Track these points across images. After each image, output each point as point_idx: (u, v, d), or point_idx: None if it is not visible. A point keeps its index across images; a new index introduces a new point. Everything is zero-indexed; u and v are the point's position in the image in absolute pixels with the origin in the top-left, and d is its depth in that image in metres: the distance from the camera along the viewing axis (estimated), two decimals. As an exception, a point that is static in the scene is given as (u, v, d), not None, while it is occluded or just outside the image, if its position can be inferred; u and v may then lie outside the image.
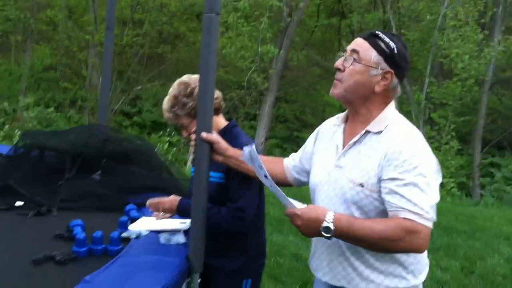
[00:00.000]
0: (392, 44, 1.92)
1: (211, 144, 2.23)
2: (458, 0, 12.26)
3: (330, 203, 1.98)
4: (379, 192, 1.86)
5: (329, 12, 15.89)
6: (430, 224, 1.79)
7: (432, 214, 1.80)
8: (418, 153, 1.85)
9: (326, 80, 16.83)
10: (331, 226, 1.76)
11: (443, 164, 10.89)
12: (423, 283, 2.03)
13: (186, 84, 2.49)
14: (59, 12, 14.96)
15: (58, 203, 3.01)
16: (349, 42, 2.10)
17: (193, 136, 2.28)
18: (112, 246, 2.35)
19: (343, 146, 2.02)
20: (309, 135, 2.36)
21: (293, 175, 2.31)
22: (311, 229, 1.79)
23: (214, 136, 2.24)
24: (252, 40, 12.46)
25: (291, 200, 1.82)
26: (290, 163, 2.34)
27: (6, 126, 11.87)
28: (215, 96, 2.47)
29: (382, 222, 1.80)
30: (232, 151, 2.29)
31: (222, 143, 2.27)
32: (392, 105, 2.01)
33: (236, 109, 14.98)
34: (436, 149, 11.60)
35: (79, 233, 2.38)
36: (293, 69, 18.18)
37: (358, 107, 2.00)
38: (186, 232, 2.46)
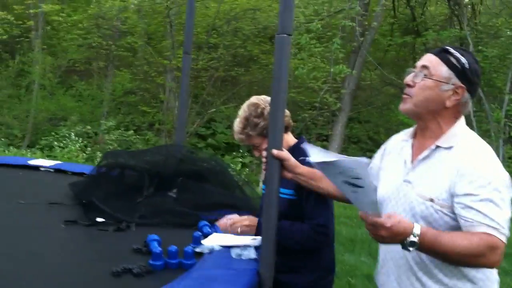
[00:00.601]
0: (463, 59, 1.92)
1: (281, 161, 2.28)
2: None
3: None
4: (450, 207, 1.85)
5: (403, 31, 15.65)
6: (505, 240, 1.77)
7: (507, 230, 1.79)
8: (491, 169, 1.84)
9: (400, 100, 16.52)
10: (417, 240, 1.74)
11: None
12: None
13: (256, 105, 2.58)
14: (139, 38, 15.62)
15: (136, 219, 3.15)
16: (423, 60, 2.11)
17: (264, 153, 2.34)
18: (186, 260, 2.43)
19: (412, 161, 2.02)
20: None
21: None
22: (395, 241, 1.78)
23: (284, 153, 2.29)
24: (324, 61, 12.50)
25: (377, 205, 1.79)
26: None
27: (89, 149, 12.48)
28: (286, 114, 2.54)
29: (465, 237, 1.78)
30: (302, 168, 2.33)
31: (292, 160, 2.32)
32: (462, 121, 2.00)
33: (308, 129, 14.98)
34: (518, 169, 11.09)
35: (156, 248, 2.48)
36: (366, 88, 17.99)
37: (428, 122, 1.99)
38: (257, 248, 2.51)
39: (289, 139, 2.64)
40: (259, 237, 2.46)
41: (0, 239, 2.82)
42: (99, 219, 3.16)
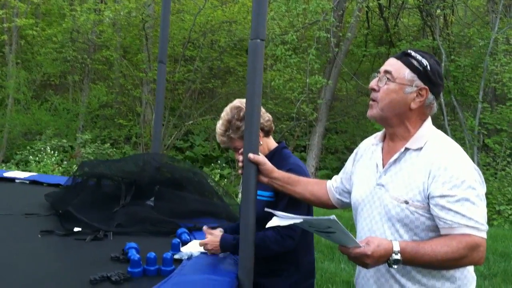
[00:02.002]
0: (424, 62, 1.96)
1: (257, 166, 2.30)
2: (510, 24, 12.05)
3: (373, 221, 2.01)
4: (425, 208, 1.87)
5: (377, 41, 15.89)
6: (485, 236, 1.81)
7: (486, 226, 1.82)
8: (463, 167, 1.86)
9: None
10: (399, 257, 1.76)
11: (500, 191, 10.55)
12: None
13: (238, 108, 2.59)
14: (114, 52, 15.57)
15: (114, 228, 3.13)
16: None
17: (240, 158, 2.35)
18: (165, 266, 2.42)
19: (383, 165, 2.04)
20: None
21: (336, 196, 2.36)
22: (378, 264, 1.80)
23: (261, 158, 2.30)
24: (300, 72, 12.60)
25: (353, 238, 1.79)
26: (332, 185, 2.39)
27: (65, 163, 12.34)
28: (267, 119, 2.56)
29: (444, 243, 1.79)
30: (277, 173, 2.35)
31: (268, 165, 2.33)
32: (429, 121, 2.03)
33: (286, 140, 15.05)
34: (492, 176, 11.27)
35: (134, 255, 2.47)
36: (342, 99, 18.20)
37: (396, 126, 2.01)
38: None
39: (270, 143, 2.65)
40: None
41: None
42: (76, 229, 3.13)
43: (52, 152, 12.43)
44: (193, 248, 2.68)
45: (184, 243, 2.82)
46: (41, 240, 2.99)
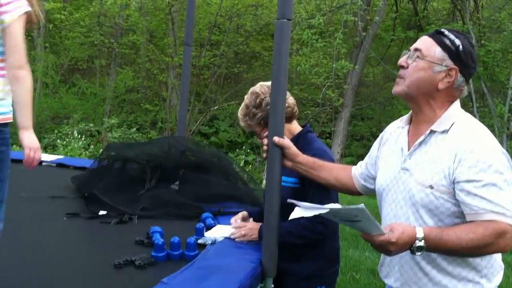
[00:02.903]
0: (457, 41, 1.88)
1: (282, 149, 2.26)
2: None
3: (397, 206, 1.96)
4: (451, 193, 1.81)
5: (405, 26, 15.59)
6: None
7: None
8: (490, 151, 1.80)
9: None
10: (423, 244, 1.72)
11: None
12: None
13: (256, 95, 2.54)
14: (141, 36, 15.60)
15: (138, 211, 3.13)
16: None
17: (265, 141, 2.31)
18: (189, 251, 2.41)
19: (408, 148, 1.99)
20: None
21: (360, 182, 2.30)
22: (403, 250, 1.75)
23: (286, 141, 2.27)
24: (326, 57, 12.44)
25: (379, 225, 1.73)
26: (358, 170, 2.33)
27: (92, 147, 12.46)
28: (291, 103, 2.51)
29: (469, 229, 1.74)
30: (302, 157, 2.31)
31: (293, 149, 2.29)
32: (457, 104, 1.96)
33: (311, 127, 14.89)
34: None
35: (158, 239, 2.46)
36: (368, 85, 17.97)
37: (422, 105, 1.95)
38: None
39: (294, 128, 2.60)
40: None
41: (3, 230, 2.80)
42: (101, 212, 3.15)
43: (79, 136, 12.56)
44: (217, 233, 2.66)
45: (208, 228, 2.80)
46: (66, 222, 3.02)
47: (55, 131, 13.28)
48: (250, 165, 13.08)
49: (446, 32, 1.90)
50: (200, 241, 2.55)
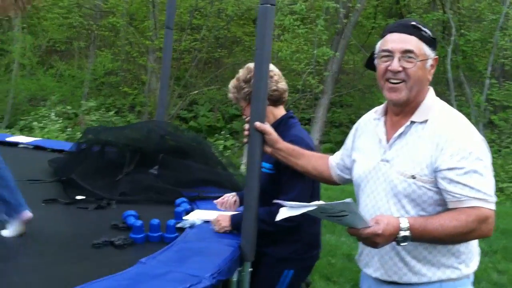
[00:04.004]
0: (428, 31, 1.91)
1: (263, 135, 2.26)
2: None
3: (377, 197, 1.96)
4: (433, 182, 1.83)
5: (386, 14, 15.65)
6: (494, 207, 1.79)
7: (494, 197, 1.80)
8: (469, 138, 1.83)
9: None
10: (408, 234, 1.73)
11: (503, 168, 10.49)
12: (475, 273, 1.98)
13: (248, 70, 2.55)
14: (120, 18, 15.40)
15: (117, 196, 3.12)
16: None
17: (246, 126, 2.32)
18: (168, 233, 2.42)
19: (387, 140, 1.98)
20: None
21: (337, 172, 2.32)
22: (388, 242, 1.76)
23: (267, 127, 2.27)
24: (307, 43, 12.45)
25: (365, 219, 1.73)
26: (334, 161, 2.34)
27: (69, 130, 12.32)
28: (274, 88, 2.51)
29: (452, 217, 1.76)
30: (281, 144, 2.31)
31: (273, 135, 2.29)
32: (431, 91, 1.98)
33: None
34: (496, 153, 11.19)
35: (136, 221, 2.46)
36: (348, 72, 18.02)
37: (412, 101, 1.93)
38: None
39: (278, 112, 2.60)
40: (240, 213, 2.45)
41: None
42: (79, 197, 3.13)
43: (57, 118, 12.41)
44: (195, 217, 2.67)
45: (187, 212, 2.80)
46: (44, 207, 2.99)
47: (31, 113, 13.09)
48: (229, 150, 13.08)
49: (419, 26, 1.91)
50: (179, 224, 2.56)
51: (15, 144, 4.64)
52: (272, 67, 2.55)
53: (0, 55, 16.10)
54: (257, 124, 2.23)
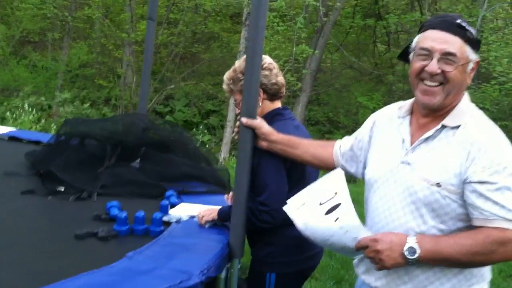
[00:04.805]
0: (473, 31, 1.76)
1: (253, 130, 2.20)
2: (499, 2, 12.02)
3: (391, 202, 1.82)
4: (459, 193, 1.69)
5: (365, 13, 15.73)
6: None
7: None
8: (505, 152, 1.69)
9: (360, 82, 16.70)
10: (416, 246, 1.62)
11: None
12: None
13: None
14: (96, 10, 15.17)
15: (98, 189, 3.03)
16: (384, 43, 1.96)
17: (237, 123, 2.26)
18: (154, 227, 2.35)
19: (412, 141, 1.83)
20: (340, 137, 2.25)
21: (341, 162, 2.18)
22: (394, 252, 1.64)
23: (255, 122, 2.19)
24: (286, 41, 12.44)
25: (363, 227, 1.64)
26: (340, 149, 2.20)
27: (43, 121, 12.10)
28: (280, 82, 2.45)
29: (468, 236, 1.64)
30: (276, 136, 2.23)
31: (265, 128, 2.22)
32: (466, 95, 1.84)
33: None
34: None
35: (120, 213, 2.39)
36: (326, 71, 18.09)
37: (446, 105, 1.79)
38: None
39: (270, 106, 2.51)
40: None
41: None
42: (58, 189, 3.03)
43: (30, 109, 12.17)
44: (182, 211, 2.61)
45: (173, 205, 2.74)
46: (22, 199, 2.89)
47: (4, 103, 12.80)
48: (206, 146, 13.00)
49: (465, 25, 1.75)
50: (165, 218, 2.49)
51: (-12, 135, 4.48)
52: (270, 60, 2.49)
53: (-28, 45, 15.71)
54: (244, 119, 2.16)
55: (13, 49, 15.93)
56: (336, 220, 1.67)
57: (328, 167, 2.19)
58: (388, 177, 1.84)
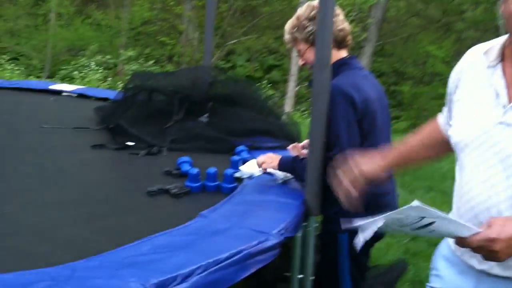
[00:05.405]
0: None
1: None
2: None
3: (488, 171, 1.48)
4: None
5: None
6: None
7: None
8: None
9: (427, 31, 15.98)
10: None
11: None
12: None
13: (311, 7, 2.29)
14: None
15: (168, 143, 2.99)
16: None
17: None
18: (226, 183, 2.27)
19: (509, 95, 1.48)
20: (408, 88, 1.94)
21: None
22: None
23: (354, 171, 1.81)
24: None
25: (465, 224, 1.34)
26: (442, 119, 1.79)
27: (109, 79, 12.29)
28: (340, 27, 2.28)
29: None
30: (384, 162, 1.83)
31: (368, 171, 1.81)
32: None
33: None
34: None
35: (192, 169, 2.32)
36: (390, 21, 17.40)
37: None
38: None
39: (338, 56, 2.35)
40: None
41: (25, 158, 2.69)
42: (129, 143, 3.01)
43: (97, 67, 12.38)
44: (253, 167, 2.51)
45: (244, 161, 2.65)
46: (92, 153, 2.89)
47: (71, 63, 13.09)
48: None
49: None
50: (236, 174, 2.41)
51: (59, 92, 4.54)
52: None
53: (38, 5, 16.06)
54: (346, 184, 1.83)
55: (77, 8, 16.16)
56: (431, 232, 1.43)
57: (448, 150, 1.75)
58: (481, 141, 1.50)
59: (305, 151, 2.61)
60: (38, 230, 1.77)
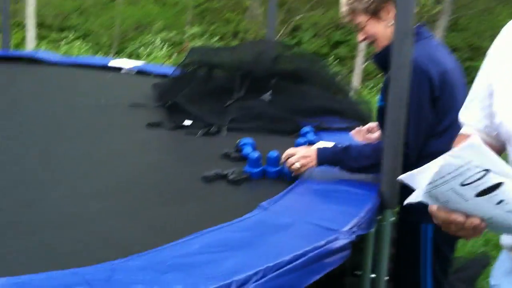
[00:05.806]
0: None
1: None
2: None
3: None
4: None
5: None
6: None
7: None
8: None
9: (504, 4, 15.00)
10: None
11: None
12: None
13: None
14: None
15: (227, 123, 2.78)
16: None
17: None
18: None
19: None
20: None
21: (488, 141, 1.38)
22: None
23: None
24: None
25: None
26: (477, 130, 1.40)
27: (174, 56, 12.28)
28: None
29: None
30: None
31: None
32: None
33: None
34: None
35: (252, 152, 2.11)
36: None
37: None
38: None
39: (387, 30, 2.07)
40: None
41: (76, 140, 2.56)
42: (186, 122, 2.83)
43: (162, 44, 12.40)
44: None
45: (310, 144, 2.39)
46: (147, 132, 2.74)
47: (138, 40, 13.20)
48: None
49: None
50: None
51: (118, 69, 4.44)
52: None
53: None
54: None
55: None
56: (499, 203, 1.08)
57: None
58: None
59: (372, 135, 2.36)
60: (75, 223, 1.61)
